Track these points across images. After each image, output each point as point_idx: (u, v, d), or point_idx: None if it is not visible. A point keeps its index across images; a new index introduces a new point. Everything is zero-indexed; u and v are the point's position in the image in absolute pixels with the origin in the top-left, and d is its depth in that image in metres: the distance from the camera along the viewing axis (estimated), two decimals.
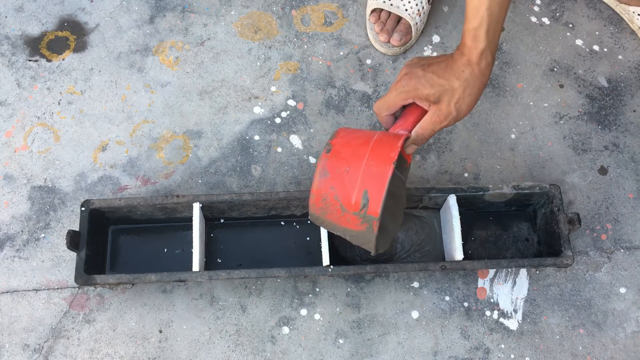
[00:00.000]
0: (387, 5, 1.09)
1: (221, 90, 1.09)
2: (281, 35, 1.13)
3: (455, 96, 0.73)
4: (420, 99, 0.74)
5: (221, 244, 0.99)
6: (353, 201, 0.71)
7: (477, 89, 0.74)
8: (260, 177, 1.03)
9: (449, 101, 0.73)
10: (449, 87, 0.73)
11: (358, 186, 0.70)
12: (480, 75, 0.74)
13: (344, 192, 0.71)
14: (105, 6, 1.14)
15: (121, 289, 0.97)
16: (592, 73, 1.11)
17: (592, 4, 1.16)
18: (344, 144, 0.73)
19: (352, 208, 0.71)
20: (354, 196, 0.71)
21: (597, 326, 0.96)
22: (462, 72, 0.73)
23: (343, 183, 0.71)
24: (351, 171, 0.71)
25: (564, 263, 0.91)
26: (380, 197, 0.70)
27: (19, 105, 1.07)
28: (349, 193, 0.71)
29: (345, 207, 0.72)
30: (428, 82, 0.73)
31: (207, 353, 0.94)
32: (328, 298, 0.97)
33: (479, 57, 0.73)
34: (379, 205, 0.70)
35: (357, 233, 0.74)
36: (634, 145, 1.06)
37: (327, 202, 0.72)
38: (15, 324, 0.95)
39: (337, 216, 0.73)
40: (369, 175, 0.70)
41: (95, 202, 0.93)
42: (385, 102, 0.76)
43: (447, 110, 0.73)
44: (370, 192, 0.70)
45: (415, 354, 0.94)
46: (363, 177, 0.70)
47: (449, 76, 0.73)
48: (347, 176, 0.71)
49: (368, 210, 0.70)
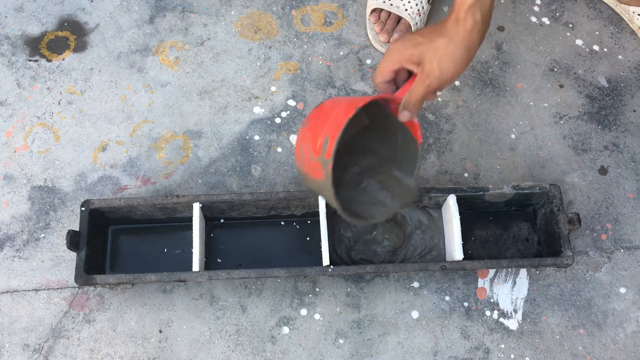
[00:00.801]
0: (387, 5, 1.09)
1: (221, 90, 1.09)
2: (281, 35, 1.13)
3: (437, 54, 0.70)
4: (406, 61, 0.72)
5: (221, 244, 0.99)
6: (317, 146, 0.71)
7: (462, 48, 0.70)
8: (260, 177, 1.04)
9: (431, 60, 0.70)
10: (431, 45, 0.70)
11: (323, 132, 0.71)
12: (466, 35, 0.70)
13: (314, 139, 0.72)
14: (105, 6, 1.14)
15: (121, 289, 0.97)
16: (592, 73, 1.11)
17: (592, 4, 1.16)
18: (332, 100, 0.74)
19: (316, 153, 0.71)
20: (319, 141, 0.71)
21: (597, 326, 0.96)
22: (447, 31, 0.70)
23: (314, 130, 0.72)
24: (322, 120, 0.72)
25: (564, 263, 0.91)
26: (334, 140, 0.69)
27: (19, 105, 1.07)
28: (316, 139, 0.71)
29: (313, 154, 0.72)
30: (412, 44, 0.71)
31: (207, 353, 0.94)
32: (328, 298, 0.97)
33: (466, 13, 0.70)
34: (332, 147, 0.69)
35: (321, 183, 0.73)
36: (634, 145, 1.06)
37: (302, 151, 0.73)
38: (15, 324, 0.95)
39: (307, 164, 0.73)
40: (334, 122, 0.70)
41: (95, 202, 0.93)
42: (377, 70, 0.75)
43: (430, 68, 0.70)
44: (330, 137, 0.70)
45: (415, 354, 0.94)
46: (329, 124, 0.71)
47: (433, 35, 0.70)
48: (318, 124, 0.72)
49: (325, 154, 0.70)
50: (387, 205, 0.82)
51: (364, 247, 0.99)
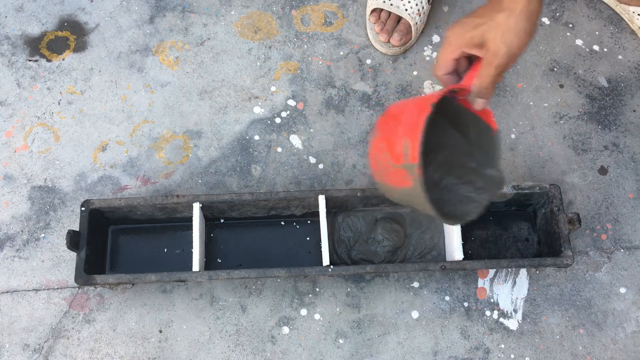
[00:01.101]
0: (387, 5, 1.09)
1: (221, 90, 1.09)
2: (281, 35, 1.13)
3: (500, 30, 0.66)
4: (467, 46, 0.69)
5: (221, 244, 0.99)
6: (397, 153, 0.68)
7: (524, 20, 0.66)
8: (260, 177, 1.04)
9: (494, 37, 0.67)
10: (492, 22, 0.67)
11: (400, 137, 0.67)
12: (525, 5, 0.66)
13: (391, 147, 0.69)
14: (105, 6, 1.14)
15: (121, 289, 0.97)
16: (592, 73, 1.11)
17: (592, 4, 1.16)
18: (396, 105, 0.71)
19: (399, 161, 0.68)
20: (397, 147, 0.68)
21: (597, 326, 0.96)
22: (504, 4, 0.67)
23: (389, 138, 0.69)
24: (394, 126, 0.69)
25: (564, 263, 0.91)
26: (416, 142, 0.66)
27: (19, 105, 1.07)
28: (394, 146, 0.68)
29: (393, 162, 0.68)
30: (470, 26, 0.68)
31: (207, 353, 0.94)
32: (328, 298, 0.97)
33: None
34: (416, 150, 0.66)
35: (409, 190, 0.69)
36: (634, 145, 1.06)
37: (380, 162, 0.70)
38: (15, 324, 0.95)
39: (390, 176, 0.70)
40: (409, 125, 0.67)
41: (95, 202, 0.93)
42: (437, 62, 0.72)
43: (495, 46, 0.67)
44: (410, 140, 0.67)
45: (415, 354, 0.94)
46: (404, 127, 0.68)
47: (490, 12, 0.67)
48: (392, 130, 0.69)
49: (409, 158, 0.67)
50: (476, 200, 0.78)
51: (364, 247, 0.99)
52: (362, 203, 0.98)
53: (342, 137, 1.06)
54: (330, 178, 1.04)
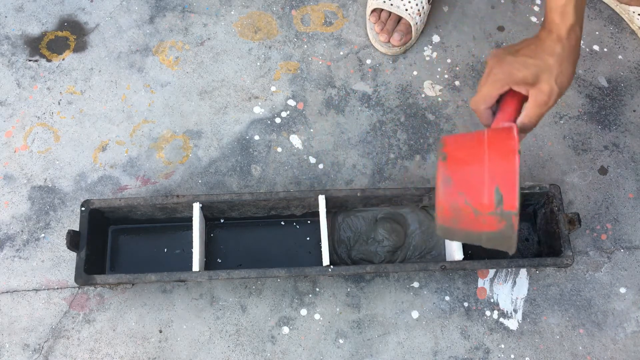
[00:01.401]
0: (387, 5, 1.09)
1: (221, 90, 1.09)
2: (281, 35, 1.13)
3: (553, 72, 0.71)
4: (517, 84, 0.72)
5: (221, 244, 0.99)
6: (486, 201, 0.68)
7: (571, 63, 0.73)
8: (260, 177, 1.04)
9: (548, 79, 0.71)
10: (544, 65, 0.71)
11: (487, 184, 0.68)
12: (572, 50, 0.73)
13: (474, 195, 0.69)
14: (105, 6, 1.14)
15: (121, 289, 0.97)
16: (592, 73, 1.11)
17: (592, 4, 1.16)
18: (457, 149, 0.71)
19: (487, 208, 0.69)
20: (486, 196, 0.68)
21: (597, 326, 0.96)
22: (553, 49, 0.72)
23: (470, 186, 0.69)
24: (475, 172, 0.69)
25: (564, 263, 0.91)
26: (514, 189, 0.67)
27: (19, 105, 1.07)
28: (480, 194, 0.68)
29: (478, 210, 0.69)
30: (522, 65, 0.71)
31: (207, 353, 0.94)
32: (328, 298, 0.97)
33: (568, 33, 0.72)
34: (515, 198, 0.67)
35: (496, 234, 0.71)
36: (634, 145, 1.06)
37: (458, 210, 0.70)
38: (15, 324, 0.95)
39: (471, 222, 0.71)
40: (495, 171, 0.68)
41: (95, 202, 0.93)
42: (481, 96, 0.74)
43: (549, 88, 0.71)
44: (502, 187, 0.68)
45: (415, 354, 0.94)
46: (490, 174, 0.68)
47: (541, 55, 0.71)
48: (472, 178, 0.69)
49: (504, 206, 0.68)
50: None
51: (364, 247, 0.99)
52: (362, 203, 0.98)
53: (342, 137, 1.06)
54: (330, 178, 1.04)
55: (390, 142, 1.06)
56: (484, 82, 0.74)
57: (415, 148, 1.06)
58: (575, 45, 0.73)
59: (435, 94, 1.09)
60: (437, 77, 1.11)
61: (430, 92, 1.10)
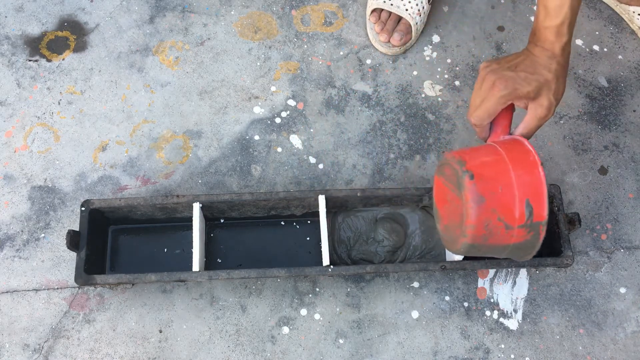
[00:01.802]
0: (388, 5, 1.09)
1: (221, 90, 1.09)
2: (281, 35, 1.13)
3: (552, 87, 0.76)
4: (519, 98, 0.76)
5: (221, 244, 0.99)
6: (517, 215, 0.71)
7: (565, 77, 0.78)
8: (260, 177, 1.04)
9: (547, 94, 0.76)
10: (544, 80, 0.75)
11: (518, 199, 0.70)
12: (565, 65, 0.78)
13: (506, 210, 0.71)
14: (105, 6, 1.14)
15: (121, 289, 0.97)
16: (592, 73, 1.11)
17: (592, 4, 1.16)
18: (480, 166, 0.72)
19: (518, 222, 0.71)
20: (517, 210, 0.70)
21: (597, 326, 0.96)
22: (550, 65, 0.76)
23: (502, 202, 0.70)
24: (505, 188, 0.71)
25: (564, 263, 0.91)
26: (543, 200, 0.70)
27: (19, 105, 1.07)
28: (511, 209, 0.70)
29: (509, 224, 0.71)
30: (524, 81, 0.75)
31: (207, 353, 0.94)
32: (328, 298, 0.97)
33: (562, 50, 0.77)
34: (544, 208, 0.70)
35: (521, 244, 0.73)
36: (634, 145, 1.06)
37: (490, 227, 0.71)
38: (15, 324, 0.95)
39: (501, 236, 0.72)
40: (523, 185, 0.71)
41: (95, 202, 0.93)
42: (485, 111, 0.77)
43: (548, 102, 0.76)
44: (532, 200, 0.70)
45: (415, 354, 0.94)
46: (519, 188, 0.70)
47: (540, 71, 0.76)
48: (503, 194, 0.71)
49: (534, 217, 0.71)
50: None
51: (364, 247, 0.99)
52: (362, 203, 0.98)
53: (342, 137, 1.06)
54: (330, 178, 1.04)
55: (390, 142, 1.06)
56: (483, 95, 0.76)
57: (415, 148, 1.06)
58: (567, 60, 0.78)
59: (435, 94, 1.10)
60: (437, 77, 1.11)
61: (430, 92, 1.10)
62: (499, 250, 0.75)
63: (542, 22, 0.78)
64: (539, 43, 0.78)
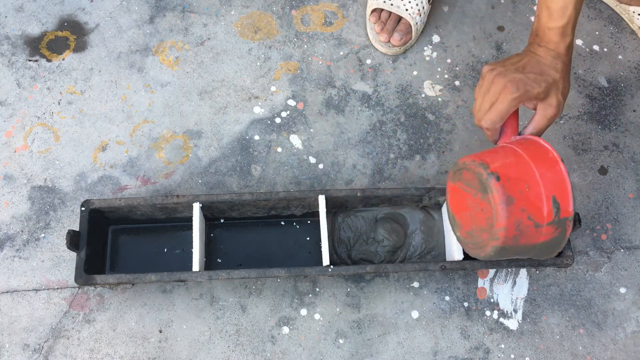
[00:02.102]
0: (388, 5, 1.09)
1: (221, 90, 1.09)
2: (281, 35, 1.13)
3: (559, 87, 0.77)
4: (530, 99, 0.76)
5: (221, 244, 0.99)
6: (545, 212, 0.71)
7: (569, 76, 0.79)
8: (260, 177, 1.04)
9: (556, 93, 0.77)
10: (552, 80, 0.76)
11: (544, 196, 0.71)
12: (569, 64, 0.79)
13: (534, 209, 0.71)
14: (105, 6, 1.14)
15: (121, 289, 0.97)
16: (592, 73, 1.11)
17: (592, 4, 1.16)
18: (503, 167, 0.73)
19: (546, 219, 0.71)
20: (545, 207, 0.71)
21: (597, 326, 0.96)
22: (556, 65, 0.77)
23: (530, 200, 0.71)
24: (531, 186, 0.71)
25: (564, 263, 0.91)
26: (568, 195, 0.71)
27: (19, 105, 1.07)
28: (539, 207, 0.71)
29: (539, 222, 0.71)
30: (535, 82, 0.76)
31: (207, 353, 0.94)
32: (328, 298, 0.97)
33: (567, 50, 0.78)
34: (570, 204, 0.71)
35: (548, 242, 0.73)
36: (634, 145, 1.06)
37: (521, 227, 0.71)
38: (15, 324, 0.95)
39: (530, 236, 0.72)
40: (548, 182, 0.71)
41: (95, 202, 0.93)
42: (498, 114, 0.77)
43: (557, 101, 0.77)
44: (558, 196, 0.71)
45: (415, 354, 0.94)
46: (545, 186, 0.71)
47: (548, 71, 0.77)
48: (530, 193, 0.71)
49: (561, 213, 0.71)
50: None
51: (364, 247, 0.99)
52: (362, 203, 0.98)
53: (342, 137, 1.06)
54: (330, 178, 1.04)
55: (390, 142, 1.06)
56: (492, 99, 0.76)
57: (415, 148, 1.06)
58: (571, 59, 0.80)
59: (435, 94, 1.10)
60: (437, 77, 1.11)
61: (430, 92, 1.10)
62: (527, 250, 0.75)
63: (545, 24, 0.78)
64: (542, 43, 0.78)
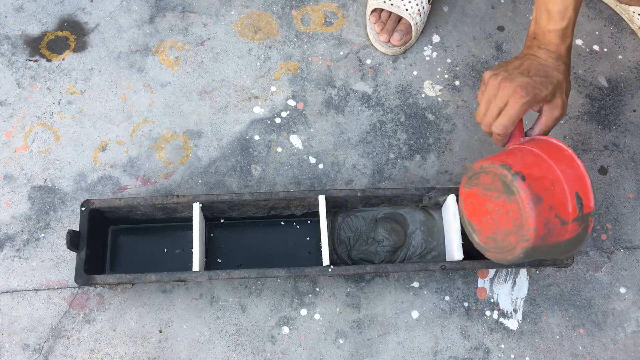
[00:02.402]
0: (388, 5, 1.09)
1: (221, 90, 1.09)
2: (281, 35, 1.13)
3: (564, 88, 0.78)
4: (538, 102, 0.77)
5: (221, 244, 0.99)
6: (570, 209, 0.72)
7: (570, 75, 0.81)
8: (260, 177, 1.04)
9: (560, 94, 0.78)
10: (557, 82, 0.77)
11: (569, 193, 0.72)
12: (569, 64, 0.81)
13: (561, 206, 0.72)
14: (105, 6, 1.14)
15: (121, 289, 0.97)
16: (592, 73, 1.11)
17: (592, 4, 1.16)
18: (526, 167, 0.73)
19: (571, 216, 0.72)
20: (569, 204, 0.72)
21: (597, 326, 0.96)
22: (559, 67, 0.78)
23: (556, 198, 0.72)
24: (555, 184, 0.72)
25: (564, 263, 0.91)
26: (589, 190, 0.72)
27: (19, 105, 1.07)
28: (565, 204, 0.72)
29: (565, 219, 0.72)
30: (542, 85, 0.76)
31: (207, 353, 0.94)
32: (328, 298, 0.97)
33: (567, 51, 0.80)
34: (591, 199, 0.72)
35: (572, 239, 0.74)
36: (634, 145, 1.06)
37: (549, 225, 0.72)
38: (15, 324, 0.95)
39: (557, 234, 0.73)
40: (569, 179, 0.72)
41: (95, 202, 0.93)
42: (510, 118, 0.77)
43: (562, 101, 0.78)
44: (580, 192, 0.72)
45: (415, 354, 0.94)
46: (567, 183, 0.72)
47: (552, 73, 0.78)
48: (556, 191, 0.72)
49: (584, 209, 0.72)
50: None
51: (364, 247, 0.99)
52: (362, 203, 0.98)
53: (342, 137, 1.06)
54: (330, 178, 1.04)
55: (390, 142, 1.06)
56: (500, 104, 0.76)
57: (415, 148, 1.06)
58: (570, 60, 0.80)
59: (435, 94, 1.10)
60: (437, 77, 1.11)
61: (430, 92, 1.10)
62: (552, 249, 0.75)
63: (545, 26, 0.79)
64: (542, 46, 0.79)
